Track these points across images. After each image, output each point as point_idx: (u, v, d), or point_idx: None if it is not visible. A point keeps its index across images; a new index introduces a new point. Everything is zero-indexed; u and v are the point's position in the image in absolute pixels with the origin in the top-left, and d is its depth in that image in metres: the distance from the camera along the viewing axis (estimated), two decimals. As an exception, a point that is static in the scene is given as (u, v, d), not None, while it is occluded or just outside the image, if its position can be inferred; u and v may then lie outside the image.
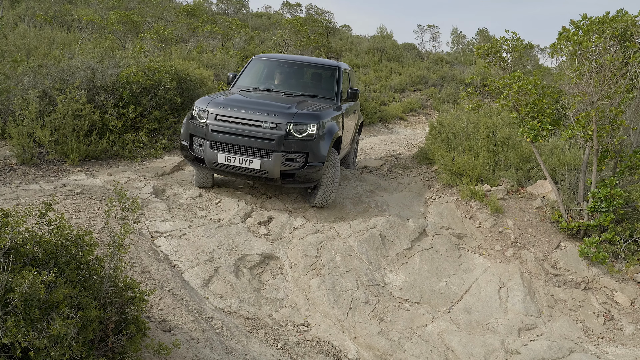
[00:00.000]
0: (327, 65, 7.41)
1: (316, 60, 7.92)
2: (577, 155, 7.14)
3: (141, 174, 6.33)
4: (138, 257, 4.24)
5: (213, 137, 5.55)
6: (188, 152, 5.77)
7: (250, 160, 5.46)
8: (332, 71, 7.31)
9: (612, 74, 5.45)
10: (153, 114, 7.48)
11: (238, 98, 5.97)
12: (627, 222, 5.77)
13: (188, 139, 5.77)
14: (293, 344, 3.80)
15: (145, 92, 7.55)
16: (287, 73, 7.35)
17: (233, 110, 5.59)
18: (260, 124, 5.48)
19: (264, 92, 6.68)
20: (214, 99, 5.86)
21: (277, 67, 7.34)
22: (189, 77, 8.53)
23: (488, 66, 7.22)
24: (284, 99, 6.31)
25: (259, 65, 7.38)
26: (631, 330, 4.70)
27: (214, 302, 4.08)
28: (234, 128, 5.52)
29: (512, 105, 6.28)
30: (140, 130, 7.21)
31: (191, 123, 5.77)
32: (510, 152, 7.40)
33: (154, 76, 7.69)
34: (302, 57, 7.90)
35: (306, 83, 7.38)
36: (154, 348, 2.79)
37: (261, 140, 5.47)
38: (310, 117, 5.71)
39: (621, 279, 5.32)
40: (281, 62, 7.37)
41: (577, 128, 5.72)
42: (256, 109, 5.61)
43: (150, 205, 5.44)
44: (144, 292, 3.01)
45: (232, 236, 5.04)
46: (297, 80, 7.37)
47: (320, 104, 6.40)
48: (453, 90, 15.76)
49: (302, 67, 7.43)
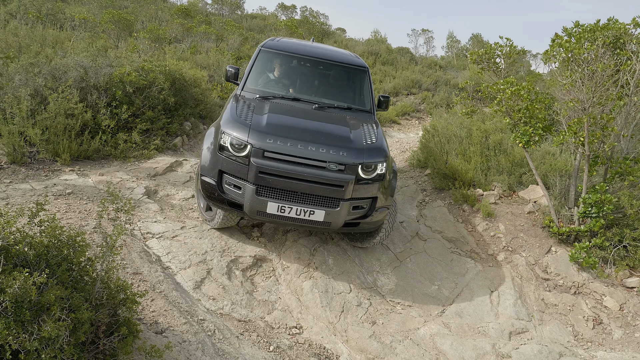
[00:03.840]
0: (354, 65, 6.11)
1: (338, 54, 6.33)
2: (568, 161, 7.20)
3: (133, 175, 6.29)
4: (130, 259, 4.21)
5: (262, 181, 4.26)
6: (216, 193, 4.50)
7: (311, 212, 4.35)
8: (362, 73, 6.10)
9: (604, 81, 5.51)
10: (146, 114, 7.43)
11: (282, 122, 4.70)
12: (617, 227, 5.82)
13: (216, 176, 4.50)
14: (285, 346, 3.79)
15: (138, 92, 7.51)
16: (309, 73, 6.02)
17: (287, 145, 4.30)
18: (325, 164, 4.35)
19: (291, 101, 5.38)
20: (252, 123, 4.52)
21: (295, 64, 5.99)
22: (183, 77, 8.49)
23: (481, 71, 7.27)
24: (333, 118, 5.19)
25: (270, 59, 5.96)
26: (620, 335, 4.75)
27: (206, 304, 4.06)
28: (292, 171, 4.25)
29: (505, 111, 6.32)
30: (133, 131, 7.17)
31: (219, 156, 4.45)
32: (503, 157, 7.45)
33: (147, 76, 7.65)
34: (319, 48, 6.36)
35: (334, 87, 6.10)
36: (146, 350, 2.77)
37: (327, 187, 4.34)
38: (379, 152, 4.68)
39: (610, 284, 5.37)
40: (299, 58, 5.97)
41: (568, 134, 5.78)
42: (314, 141, 4.42)
43: (143, 206, 5.41)
44: (136, 294, 2.99)
45: (225, 238, 5.02)
46: (321, 82, 6.05)
47: (366, 123, 5.28)
48: (446, 94, 15.83)
49: (324, 65, 6.06)
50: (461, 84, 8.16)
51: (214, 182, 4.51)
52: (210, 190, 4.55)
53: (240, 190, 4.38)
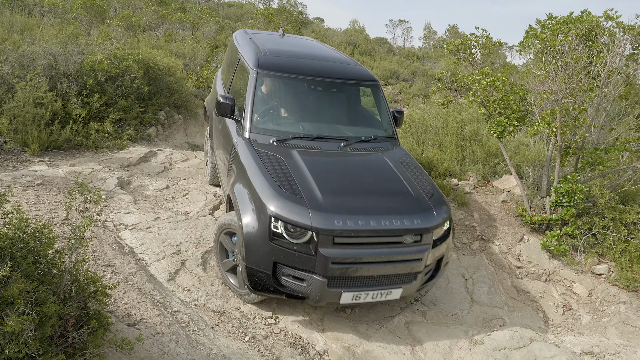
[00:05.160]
0: (367, 80, 5.26)
1: (346, 67, 5.29)
2: (541, 151, 7.33)
3: (106, 165, 6.16)
4: (101, 251, 4.13)
5: (335, 272, 3.57)
6: (271, 287, 3.69)
7: (389, 292, 3.81)
8: (375, 89, 5.29)
9: (577, 73, 5.60)
10: (119, 104, 7.27)
11: (336, 188, 3.88)
12: (587, 216, 5.96)
13: (269, 267, 3.62)
14: (261, 336, 3.78)
15: (110, 80, 7.34)
16: (318, 96, 5.12)
17: (358, 224, 3.57)
18: (401, 238, 3.73)
19: (315, 142, 4.50)
20: (306, 196, 3.67)
21: (302, 88, 5.00)
22: (157, 66, 8.33)
23: (458, 62, 7.32)
24: (373, 163, 4.48)
25: (273, 85, 4.92)
26: (588, 320, 4.88)
27: (181, 295, 4.01)
28: (368, 255, 3.63)
29: (480, 101, 6.38)
30: (105, 120, 7.01)
31: (273, 245, 3.58)
32: (478, 147, 7.54)
33: (120, 64, 7.47)
34: (321, 60, 5.30)
35: (349, 113, 5.33)
36: (117, 343, 2.72)
37: (405, 264, 3.77)
38: (442, 202, 4.13)
39: (580, 271, 5.51)
40: (305, 81, 4.96)
41: (542, 125, 5.87)
42: (381, 211, 3.74)
43: (115, 197, 5.30)
44: (107, 286, 2.93)
45: (200, 229, 4.96)
46: (335, 108, 5.20)
47: (403, 159, 4.65)
48: (424, 85, 15.92)
49: (336, 86, 5.18)
50: (438, 75, 8.21)
51: (267, 273, 3.64)
52: (261, 283, 3.69)
53: (304, 283, 3.64)
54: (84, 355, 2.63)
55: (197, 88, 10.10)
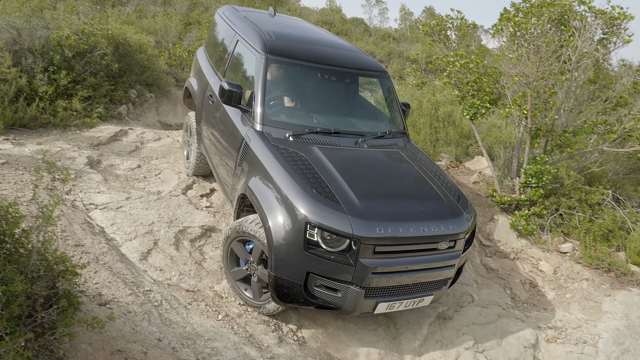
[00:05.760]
0: (375, 70, 4.96)
1: (351, 53, 4.97)
2: (513, 133, 7.47)
3: (75, 144, 6.00)
4: (71, 230, 4.05)
5: (374, 282, 3.39)
6: (302, 298, 3.44)
7: (421, 300, 3.69)
8: (384, 79, 5.00)
9: (548, 56, 5.69)
10: (88, 81, 7.06)
11: (370, 191, 3.66)
12: (554, 196, 6.14)
13: (302, 278, 3.36)
14: (234, 314, 3.80)
15: (78, 56, 7.10)
16: (332, 88, 4.82)
17: (399, 231, 3.37)
18: (437, 244, 3.57)
19: (332, 137, 4.19)
20: (342, 200, 3.40)
21: (314, 77, 4.68)
22: (128, 42, 8.08)
23: (433, 44, 7.35)
24: (395, 160, 4.26)
25: (281, 72, 4.48)
26: (552, 296, 5.06)
27: (153, 275, 3.98)
28: (407, 262, 3.47)
29: (454, 83, 6.45)
30: (74, 98, 6.80)
31: (308, 255, 3.30)
32: (451, 128, 7.64)
33: (88, 40, 7.23)
34: (330, 46, 4.94)
35: (360, 106, 5.09)
36: (88, 322, 2.69)
37: (439, 270, 3.65)
38: (471, 210, 3.98)
39: (546, 250, 5.69)
40: (319, 70, 4.62)
41: (513, 107, 5.97)
42: (416, 216, 3.55)
43: (85, 176, 5.19)
44: (77, 265, 2.88)
45: (173, 208, 4.91)
46: (348, 100, 4.92)
47: (418, 156, 4.47)
48: (399, 66, 15.95)
49: (347, 77, 4.87)
50: (413, 56, 8.23)
51: (298, 284, 3.38)
52: (291, 295, 3.43)
53: (338, 293, 3.40)
54: (53, 334, 2.60)
55: (169, 66, 9.88)
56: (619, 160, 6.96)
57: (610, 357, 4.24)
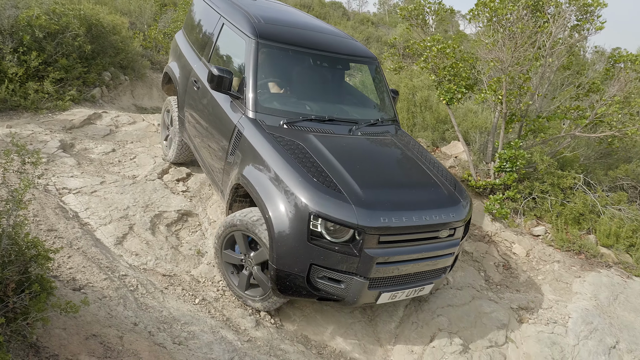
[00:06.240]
0: (366, 56, 4.88)
1: (342, 39, 4.91)
2: (488, 118, 7.57)
3: (47, 127, 5.86)
4: (44, 215, 3.97)
5: (378, 272, 3.37)
6: (304, 290, 3.38)
7: (421, 288, 3.70)
8: (375, 65, 4.93)
9: (523, 42, 5.76)
10: (59, 62, 6.87)
11: (373, 180, 3.62)
12: (528, 181, 6.26)
13: (305, 270, 3.30)
14: (211, 298, 3.80)
15: (49, 37, 6.89)
16: (323, 74, 4.75)
17: (402, 220, 3.36)
18: (438, 233, 3.57)
19: (326, 125, 4.12)
20: (344, 189, 3.34)
21: (306, 63, 4.54)
22: (101, 23, 7.88)
23: (410, 28, 7.35)
24: (389, 147, 4.24)
25: (272, 58, 4.34)
26: (525, 278, 5.20)
27: (129, 259, 3.95)
28: (411, 252, 3.46)
29: (431, 68, 6.48)
30: (45, 80, 6.62)
31: (311, 246, 3.23)
32: (428, 113, 7.70)
33: (59, 20, 7.02)
34: (320, 31, 4.84)
35: (351, 92, 5.05)
36: (61, 307, 2.66)
37: (440, 259, 3.68)
38: (468, 197, 3.99)
39: (519, 233, 5.82)
40: (311, 55, 4.51)
41: (489, 92, 6.04)
42: (419, 205, 3.53)
43: (57, 160, 5.08)
44: (49, 250, 2.84)
45: (148, 193, 4.86)
46: (339, 87, 4.91)
47: (411, 144, 4.46)
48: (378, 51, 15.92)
49: (338, 63, 4.81)
50: (390, 40, 8.23)
51: (301, 276, 3.32)
52: (292, 287, 3.37)
53: (341, 285, 3.36)
54: (26, 319, 2.57)
55: (144, 48, 9.68)
56: (591, 145, 7.13)
57: (579, 336, 4.39)
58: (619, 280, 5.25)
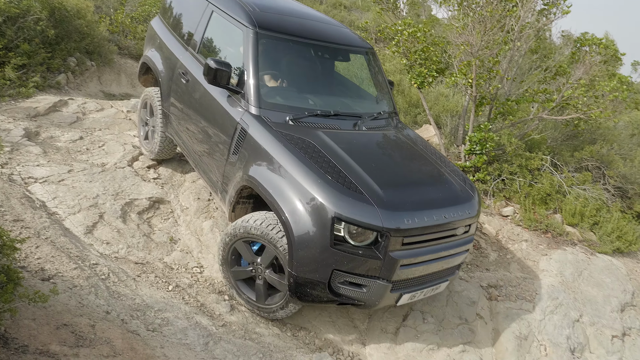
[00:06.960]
0: (364, 47, 4.72)
1: (339, 29, 4.71)
2: (459, 102, 7.67)
3: (10, 115, 5.67)
4: (9, 205, 3.87)
5: (402, 274, 3.28)
6: (325, 295, 3.24)
7: (438, 286, 3.64)
8: (372, 56, 4.80)
9: (492, 26, 5.83)
10: (21, 47, 6.62)
11: (390, 180, 3.48)
12: (497, 163, 6.40)
13: (326, 276, 3.16)
14: (185, 285, 3.79)
15: (9, 21, 6.63)
16: (324, 66, 4.53)
17: (424, 220, 3.26)
18: (456, 230, 3.50)
19: (331, 120, 3.93)
20: (366, 190, 3.20)
21: (307, 55, 4.32)
22: (64, 6, 7.60)
23: (382, 12, 7.35)
24: (398, 144, 4.14)
25: (271, 49, 4.03)
26: (494, 257, 5.34)
27: (99, 248, 3.89)
28: (432, 251, 3.38)
29: (403, 52, 6.51)
30: (6, 66, 6.38)
31: (335, 252, 3.08)
32: (400, 97, 7.75)
33: (19, 3, 6.75)
34: (320, 23, 4.59)
35: (351, 85, 4.85)
36: (29, 297, 2.62)
37: (457, 257, 3.63)
38: (477, 192, 3.91)
39: (489, 213, 5.96)
40: (312, 46, 4.28)
41: (459, 76, 6.11)
42: (437, 203, 3.44)
43: (22, 149, 4.93)
44: (15, 240, 2.78)
45: (118, 181, 4.77)
46: (340, 79, 4.76)
47: (413, 137, 4.37)
48: (350, 36, 15.90)
49: (339, 54, 4.63)
50: (362, 25, 8.22)
51: (323, 283, 3.17)
52: (313, 294, 3.23)
53: (363, 289, 3.23)
54: (-8, 310, 2.52)
55: (111, 33, 9.40)
56: (558, 128, 7.31)
57: (545, 311, 4.55)
58: (583, 257, 5.45)
